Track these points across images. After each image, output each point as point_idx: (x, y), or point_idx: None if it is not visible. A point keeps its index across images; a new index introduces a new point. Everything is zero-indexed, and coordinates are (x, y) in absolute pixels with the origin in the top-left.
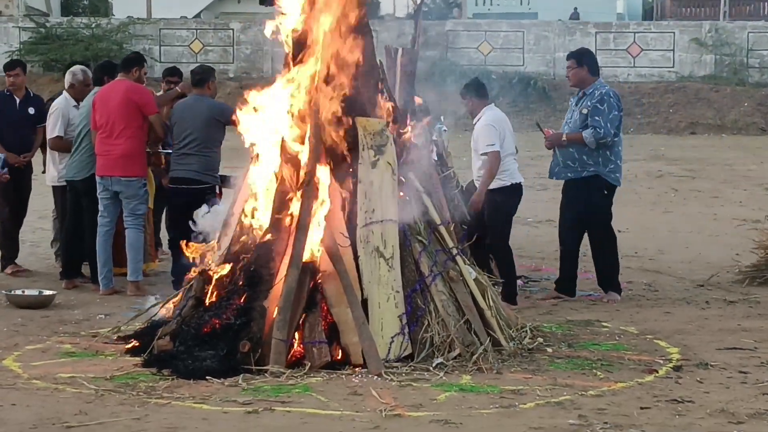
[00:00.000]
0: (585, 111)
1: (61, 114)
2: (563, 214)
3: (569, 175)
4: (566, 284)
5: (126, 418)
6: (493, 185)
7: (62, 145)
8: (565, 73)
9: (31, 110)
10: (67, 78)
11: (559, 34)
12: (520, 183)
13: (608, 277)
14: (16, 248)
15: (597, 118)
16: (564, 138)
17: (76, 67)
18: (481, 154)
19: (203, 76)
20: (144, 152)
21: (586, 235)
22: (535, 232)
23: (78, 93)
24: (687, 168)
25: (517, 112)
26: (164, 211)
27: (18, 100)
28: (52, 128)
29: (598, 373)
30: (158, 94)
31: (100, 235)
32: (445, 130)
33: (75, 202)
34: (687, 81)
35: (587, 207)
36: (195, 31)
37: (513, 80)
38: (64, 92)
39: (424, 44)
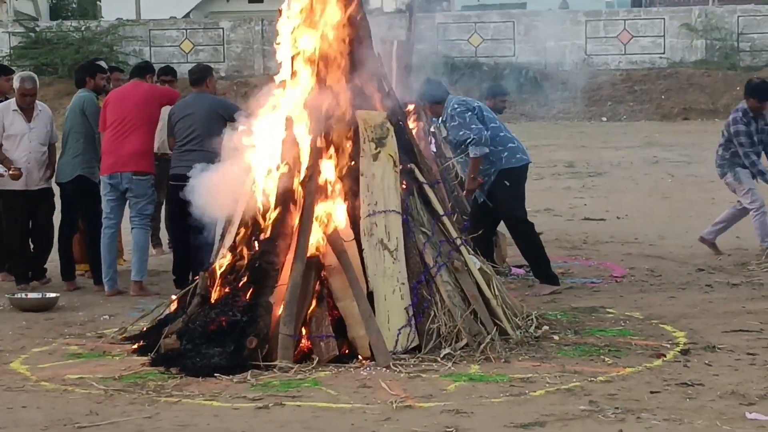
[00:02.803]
0: (450, 136)
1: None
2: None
3: (485, 188)
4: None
5: (137, 417)
6: None
7: None
8: (555, 62)
9: None
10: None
11: (549, 24)
12: None
13: (536, 269)
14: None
15: (461, 132)
16: (472, 176)
17: (21, 73)
18: None
19: (201, 74)
20: (153, 151)
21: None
22: (533, 221)
23: (18, 99)
24: (682, 153)
25: (510, 103)
26: (162, 210)
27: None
28: None
29: (606, 359)
30: None
31: (105, 236)
32: (441, 122)
33: (66, 205)
34: (678, 67)
35: (494, 202)
36: (185, 31)
37: (504, 71)
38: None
39: (416, 37)
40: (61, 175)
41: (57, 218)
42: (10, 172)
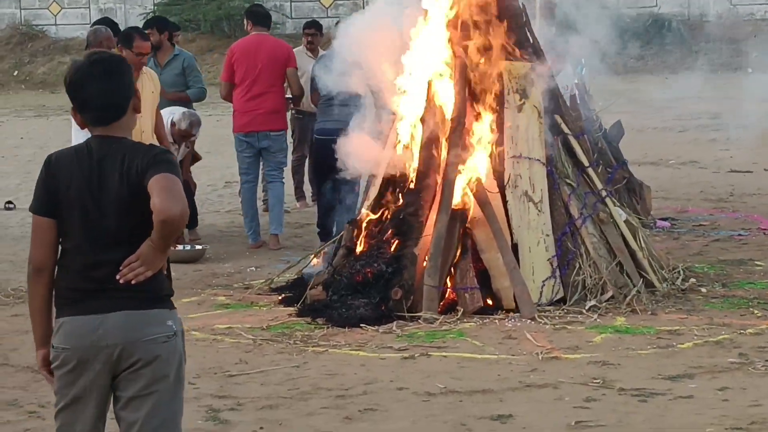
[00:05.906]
0: None
1: None
2: None
3: None
4: None
5: (285, 366)
6: None
7: None
8: (699, 12)
9: None
10: None
11: None
12: None
13: None
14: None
15: None
16: None
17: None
18: None
19: None
20: (285, 106)
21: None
22: (678, 173)
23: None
24: None
25: (653, 55)
26: (306, 163)
27: None
28: None
29: (756, 311)
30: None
31: (246, 190)
32: (584, 73)
33: None
34: None
35: None
36: None
37: (647, 22)
38: None
39: None
40: None
41: None
42: None
